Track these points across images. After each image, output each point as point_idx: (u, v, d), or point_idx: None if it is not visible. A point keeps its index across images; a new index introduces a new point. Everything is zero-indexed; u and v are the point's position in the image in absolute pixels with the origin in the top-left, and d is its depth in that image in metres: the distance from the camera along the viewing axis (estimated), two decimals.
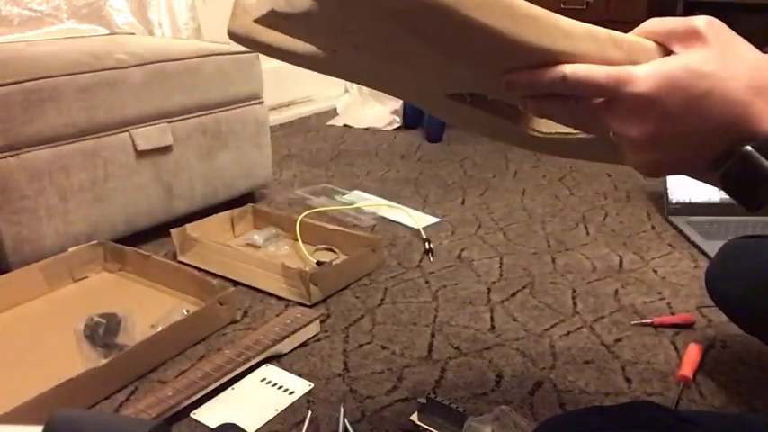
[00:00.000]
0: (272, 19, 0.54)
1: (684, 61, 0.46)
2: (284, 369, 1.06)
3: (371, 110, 2.80)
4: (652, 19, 0.50)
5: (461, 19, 0.44)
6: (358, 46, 0.54)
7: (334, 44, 0.58)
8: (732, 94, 0.45)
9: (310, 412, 0.95)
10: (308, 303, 1.25)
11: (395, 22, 0.46)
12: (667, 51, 0.48)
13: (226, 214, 1.58)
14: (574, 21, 0.48)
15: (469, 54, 0.50)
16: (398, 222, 1.68)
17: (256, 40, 0.65)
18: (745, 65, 0.45)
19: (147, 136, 1.49)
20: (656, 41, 0.48)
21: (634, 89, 0.46)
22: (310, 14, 0.49)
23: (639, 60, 0.47)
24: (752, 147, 0.45)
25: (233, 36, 0.66)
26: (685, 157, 0.48)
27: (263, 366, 1.06)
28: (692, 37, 0.46)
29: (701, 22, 0.46)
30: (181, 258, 1.44)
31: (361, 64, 0.61)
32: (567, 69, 0.47)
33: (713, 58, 0.45)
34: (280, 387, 1.01)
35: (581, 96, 0.49)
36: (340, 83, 3.06)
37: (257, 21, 0.56)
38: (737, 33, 0.47)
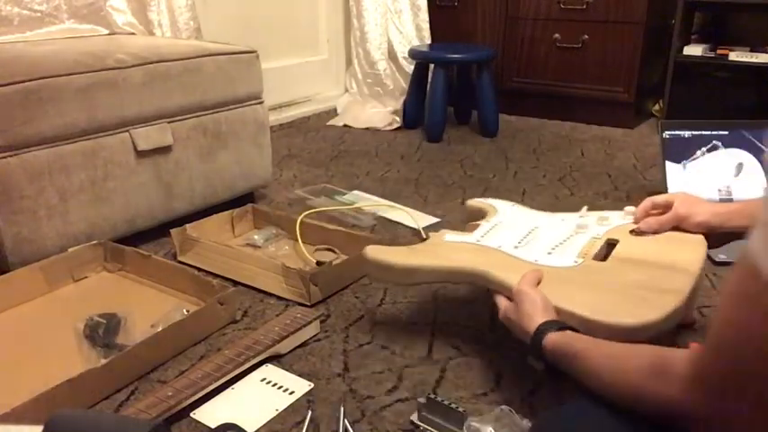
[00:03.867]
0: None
1: (503, 308, 0.98)
2: (284, 369, 1.06)
3: (371, 110, 2.80)
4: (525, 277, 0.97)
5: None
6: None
7: None
8: (521, 328, 0.91)
9: (310, 412, 0.95)
10: (308, 303, 1.25)
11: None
12: None
13: (226, 214, 1.58)
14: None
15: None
16: (398, 222, 1.68)
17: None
18: (524, 318, 0.90)
19: (147, 136, 1.49)
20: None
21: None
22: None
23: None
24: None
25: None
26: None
27: (263, 366, 1.06)
28: (514, 293, 0.95)
29: (516, 290, 0.95)
30: (181, 258, 1.44)
31: None
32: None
33: (512, 310, 0.94)
34: (280, 387, 1.01)
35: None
36: (340, 83, 3.06)
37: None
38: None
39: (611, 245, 1.06)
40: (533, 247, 1.08)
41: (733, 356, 0.55)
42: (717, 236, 1.05)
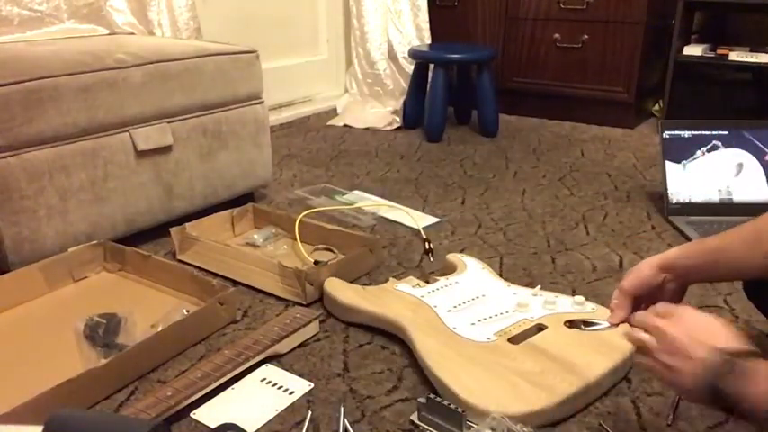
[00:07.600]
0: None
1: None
2: (284, 369, 1.06)
3: (371, 110, 2.80)
4: None
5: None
6: None
7: None
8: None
9: (310, 412, 0.95)
10: (304, 302, 1.24)
11: None
12: None
13: (226, 213, 1.58)
14: None
15: None
16: (398, 222, 1.68)
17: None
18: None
19: (147, 136, 1.49)
20: None
21: None
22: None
23: None
24: None
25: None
26: None
27: (263, 366, 1.06)
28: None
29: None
30: (180, 257, 1.44)
31: None
32: None
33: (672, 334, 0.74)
34: (280, 387, 1.01)
35: None
36: (340, 83, 3.06)
37: None
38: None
39: (540, 329, 1.07)
40: (464, 314, 1.11)
41: None
42: None
